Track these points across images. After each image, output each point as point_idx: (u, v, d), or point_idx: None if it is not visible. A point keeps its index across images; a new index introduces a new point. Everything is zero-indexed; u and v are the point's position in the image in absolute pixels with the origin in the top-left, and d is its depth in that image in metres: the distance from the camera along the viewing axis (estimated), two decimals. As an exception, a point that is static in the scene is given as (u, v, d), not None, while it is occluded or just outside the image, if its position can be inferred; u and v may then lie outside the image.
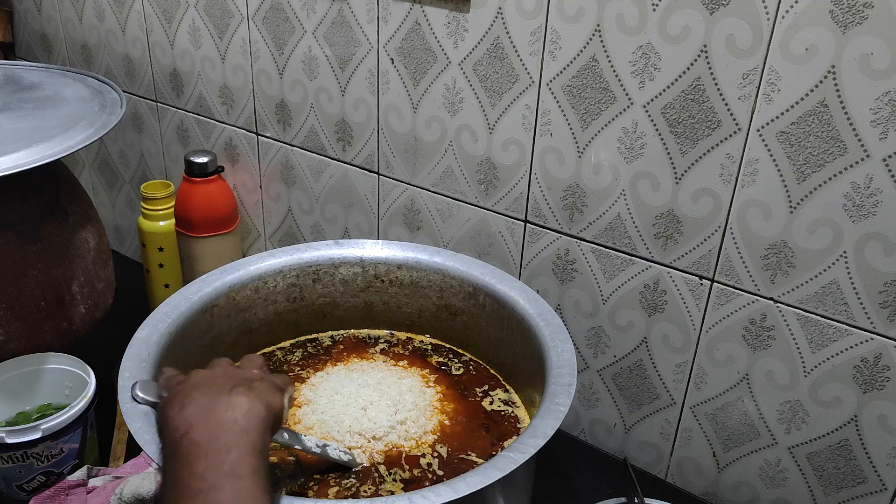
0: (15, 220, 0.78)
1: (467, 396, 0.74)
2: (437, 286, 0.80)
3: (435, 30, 0.80)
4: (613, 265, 0.78)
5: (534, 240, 0.83)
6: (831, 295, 0.66)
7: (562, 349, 0.66)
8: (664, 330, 0.77)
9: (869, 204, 0.62)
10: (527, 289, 0.75)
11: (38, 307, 0.80)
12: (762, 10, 0.61)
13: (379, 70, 0.87)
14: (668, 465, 0.83)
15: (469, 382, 0.77)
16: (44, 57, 1.27)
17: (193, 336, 0.72)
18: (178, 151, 1.14)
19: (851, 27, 0.58)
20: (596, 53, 0.71)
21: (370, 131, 0.91)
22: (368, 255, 0.81)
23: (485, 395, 0.75)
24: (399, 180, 0.91)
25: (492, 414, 0.73)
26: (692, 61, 0.66)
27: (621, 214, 0.75)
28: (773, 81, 0.63)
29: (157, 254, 1.05)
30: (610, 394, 0.84)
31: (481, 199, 0.85)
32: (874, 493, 0.70)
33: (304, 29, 0.91)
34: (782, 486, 0.76)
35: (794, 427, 0.72)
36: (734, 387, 0.75)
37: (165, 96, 1.11)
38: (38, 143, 0.74)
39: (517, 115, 0.78)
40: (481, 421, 0.71)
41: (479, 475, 0.52)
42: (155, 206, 1.03)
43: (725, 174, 0.68)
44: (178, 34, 1.05)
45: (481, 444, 0.68)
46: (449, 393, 0.74)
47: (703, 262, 0.72)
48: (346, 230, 1.00)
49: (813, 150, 0.63)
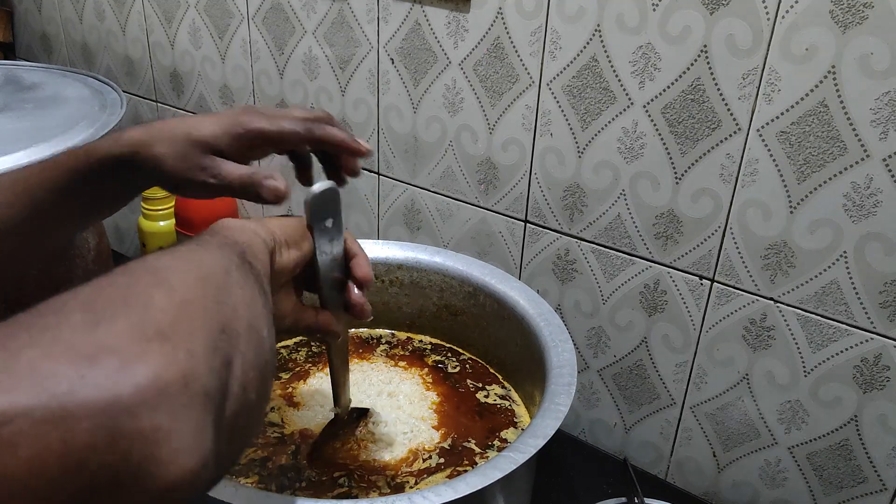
0: (15, 220, 0.78)
1: (463, 391, 0.75)
2: (437, 286, 0.80)
3: (435, 30, 0.80)
4: (613, 265, 0.78)
5: (534, 240, 0.83)
6: (831, 295, 0.66)
7: (562, 349, 0.66)
8: (664, 330, 0.77)
9: (869, 204, 0.62)
10: (527, 289, 0.75)
11: (38, 307, 0.80)
12: (762, 10, 0.61)
13: (379, 70, 0.87)
14: (668, 465, 0.83)
15: (467, 379, 0.77)
16: (44, 57, 1.27)
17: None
18: (178, 151, 1.13)
19: (851, 27, 0.58)
20: (596, 53, 0.71)
21: (370, 131, 0.91)
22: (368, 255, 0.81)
23: (480, 389, 0.75)
24: (399, 180, 0.91)
25: (487, 405, 0.73)
26: (692, 61, 0.66)
27: (621, 214, 0.75)
28: (773, 81, 0.63)
29: (157, 254, 1.05)
30: (610, 394, 0.84)
31: (481, 199, 0.85)
32: (874, 493, 0.70)
33: (305, 29, 0.91)
34: (782, 486, 0.76)
35: (794, 427, 0.72)
36: (734, 387, 0.75)
37: (165, 96, 1.11)
38: (38, 143, 0.74)
39: (517, 115, 0.78)
40: (475, 407, 0.72)
41: (479, 475, 0.52)
42: (155, 206, 1.03)
43: (725, 174, 0.68)
44: (178, 34, 1.05)
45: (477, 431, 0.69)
46: (448, 392, 0.74)
47: (703, 262, 0.72)
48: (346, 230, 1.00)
49: (813, 150, 0.63)
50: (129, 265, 0.33)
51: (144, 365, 0.26)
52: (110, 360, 0.26)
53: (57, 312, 0.28)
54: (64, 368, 0.25)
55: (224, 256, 0.37)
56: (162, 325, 0.28)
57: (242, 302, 0.35)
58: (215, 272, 0.35)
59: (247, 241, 0.42)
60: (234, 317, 0.33)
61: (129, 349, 0.27)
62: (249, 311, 0.35)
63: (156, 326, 0.28)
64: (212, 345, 0.30)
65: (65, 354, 0.26)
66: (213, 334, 0.30)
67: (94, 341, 0.27)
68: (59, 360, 0.25)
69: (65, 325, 0.27)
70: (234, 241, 0.41)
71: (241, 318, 0.33)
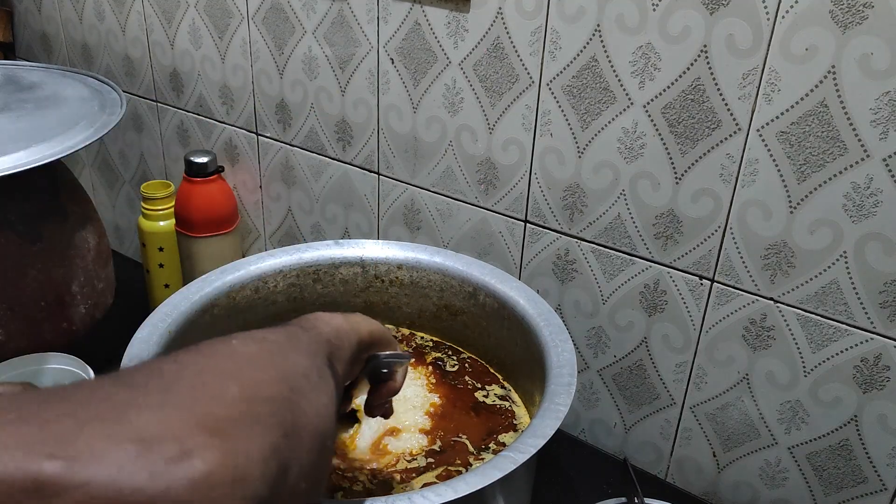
0: (15, 220, 0.78)
1: (461, 388, 0.75)
2: (437, 286, 0.80)
3: (435, 30, 0.80)
4: (613, 265, 0.78)
5: (534, 240, 0.83)
6: (831, 295, 0.66)
7: (562, 349, 0.66)
8: (664, 330, 0.77)
9: (869, 204, 0.62)
10: (527, 289, 0.75)
11: (38, 307, 0.80)
12: (762, 10, 0.61)
13: (379, 70, 0.87)
14: (668, 465, 0.83)
15: (465, 376, 0.77)
16: (44, 57, 1.27)
17: (193, 336, 0.72)
18: (178, 151, 1.14)
19: (851, 27, 0.58)
20: (596, 53, 0.71)
21: (370, 131, 0.91)
22: (368, 255, 0.81)
23: (479, 388, 0.75)
24: (399, 180, 0.91)
25: (486, 405, 0.73)
26: (692, 61, 0.66)
27: (621, 214, 0.75)
28: (773, 81, 0.63)
29: (157, 254, 1.05)
30: (610, 394, 0.84)
31: (481, 199, 0.85)
32: (874, 493, 0.70)
33: (304, 29, 0.91)
34: (782, 486, 0.76)
35: (794, 427, 0.72)
36: (734, 387, 0.75)
37: (165, 96, 1.11)
38: (38, 143, 0.74)
39: (517, 115, 0.78)
40: (471, 406, 0.72)
41: (479, 475, 0.52)
42: (155, 206, 1.03)
43: (725, 174, 0.68)
44: (178, 34, 1.05)
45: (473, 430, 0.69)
46: (448, 392, 0.74)
47: (703, 262, 0.72)
48: (346, 230, 1.00)
49: (813, 150, 0.63)
50: (215, 345, 0.33)
51: (200, 460, 0.27)
52: (169, 447, 0.26)
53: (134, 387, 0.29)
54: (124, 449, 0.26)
55: (309, 358, 0.37)
56: (226, 420, 0.29)
57: (314, 409, 0.34)
58: (296, 373, 0.35)
59: (337, 345, 0.43)
60: (301, 422, 0.33)
61: (189, 440, 0.27)
62: (318, 418, 0.35)
63: (219, 421, 0.28)
64: (271, 449, 0.30)
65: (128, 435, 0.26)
66: (276, 438, 0.30)
67: (159, 424, 0.27)
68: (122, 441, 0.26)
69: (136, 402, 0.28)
70: (325, 340, 0.41)
71: (308, 425, 0.33)
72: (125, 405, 0.28)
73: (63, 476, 0.24)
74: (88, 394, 0.28)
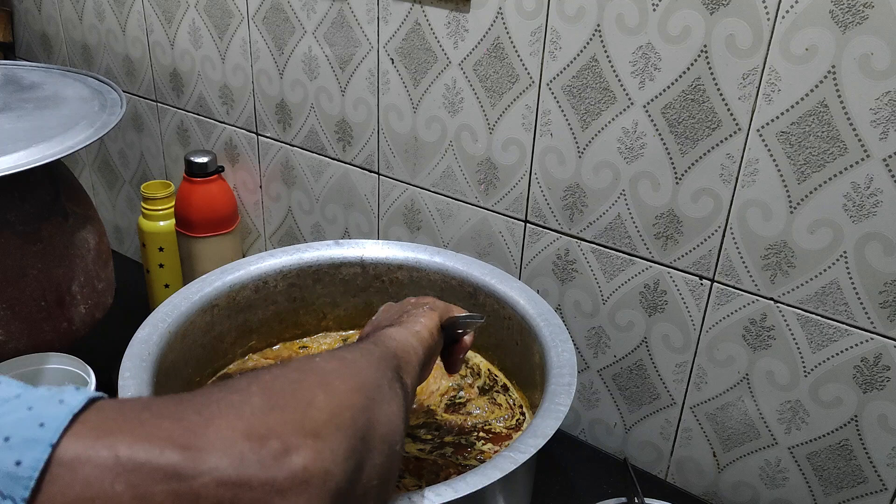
0: (15, 220, 0.78)
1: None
2: (437, 286, 0.80)
3: (435, 30, 0.80)
4: (613, 265, 0.78)
5: (534, 240, 0.83)
6: (831, 295, 0.66)
7: (562, 349, 0.66)
8: (664, 330, 0.77)
9: (869, 204, 0.62)
10: (527, 289, 0.75)
11: (38, 307, 0.80)
12: (762, 10, 0.61)
13: (379, 70, 0.87)
14: (668, 465, 0.83)
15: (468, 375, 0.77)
16: (44, 57, 1.27)
17: (193, 336, 0.72)
18: (178, 151, 1.14)
19: (851, 27, 0.58)
20: (596, 53, 0.71)
21: (370, 131, 0.91)
22: (368, 255, 0.81)
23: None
24: (399, 180, 0.91)
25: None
26: (692, 61, 0.66)
27: (621, 214, 0.75)
28: (773, 81, 0.63)
29: (157, 254, 1.05)
30: (610, 394, 0.84)
31: (481, 199, 0.85)
32: (874, 493, 0.70)
33: (304, 29, 0.91)
34: (782, 486, 0.76)
35: (795, 427, 0.72)
36: (734, 387, 0.75)
37: (165, 96, 1.11)
38: (38, 143, 0.74)
39: (517, 115, 0.78)
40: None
41: (479, 475, 0.52)
42: (155, 206, 1.03)
43: (725, 174, 0.68)
44: (178, 34, 1.05)
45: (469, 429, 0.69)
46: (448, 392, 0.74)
47: (703, 262, 0.72)
48: (346, 230, 1.00)
49: (813, 150, 0.63)
50: (301, 362, 0.39)
51: (299, 455, 0.32)
52: (275, 444, 0.32)
53: (242, 392, 0.34)
54: (242, 442, 0.31)
55: (380, 370, 0.43)
56: (318, 423, 0.34)
57: (385, 416, 0.40)
58: (369, 384, 0.40)
59: (405, 359, 0.48)
60: (375, 428, 0.38)
61: (291, 439, 0.32)
62: (389, 425, 0.40)
63: (313, 423, 0.34)
64: (351, 450, 0.35)
65: (243, 431, 0.31)
66: (355, 441, 0.35)
67: (265, 424, 0.32)
68: (239, 435, 0.31)
69: (247, 405, 0.33)
70: (393, 354, 0.47)
71: (380, 431, 0.38)
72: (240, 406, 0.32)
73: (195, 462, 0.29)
74: (207, 397, 0.33)
